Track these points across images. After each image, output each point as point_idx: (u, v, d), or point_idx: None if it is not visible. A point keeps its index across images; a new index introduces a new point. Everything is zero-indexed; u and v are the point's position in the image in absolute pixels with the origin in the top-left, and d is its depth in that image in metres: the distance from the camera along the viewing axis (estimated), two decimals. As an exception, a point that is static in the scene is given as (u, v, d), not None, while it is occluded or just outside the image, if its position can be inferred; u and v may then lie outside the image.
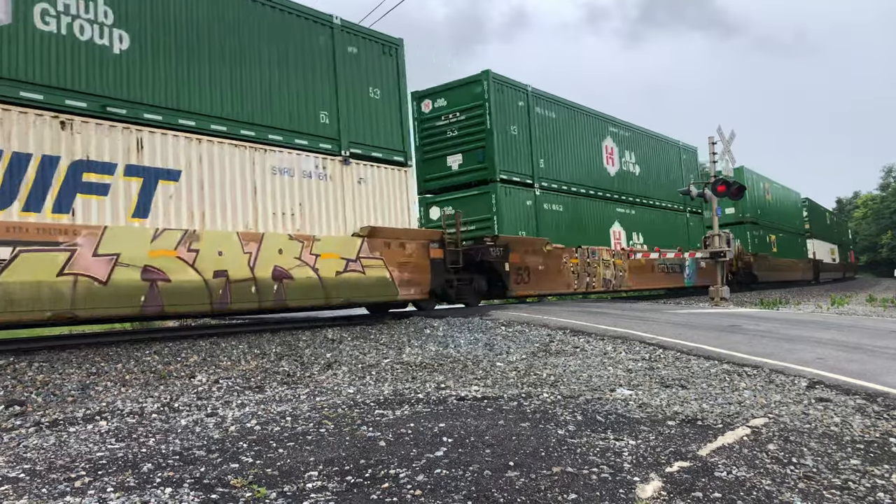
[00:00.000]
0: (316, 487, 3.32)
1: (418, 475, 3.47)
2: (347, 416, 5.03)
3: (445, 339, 10.01)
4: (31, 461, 3.95)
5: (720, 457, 3.83)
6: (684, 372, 6.92)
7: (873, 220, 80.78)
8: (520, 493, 3.20)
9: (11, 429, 4.98)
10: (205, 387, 6.64)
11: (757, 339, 8.80)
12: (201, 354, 8.40)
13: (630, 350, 8.43)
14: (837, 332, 9.50)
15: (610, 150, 20.55)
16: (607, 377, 6.79)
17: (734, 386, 6.12)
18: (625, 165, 21.20)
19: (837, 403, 5.31)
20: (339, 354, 8.69)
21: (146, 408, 5.64)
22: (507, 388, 6.26)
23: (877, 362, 6.89)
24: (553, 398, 5.69)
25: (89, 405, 5.83)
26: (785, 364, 6.91)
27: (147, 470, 3.66)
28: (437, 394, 5.99)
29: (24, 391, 6.31)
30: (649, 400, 5.57)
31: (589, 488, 3.26)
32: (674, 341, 8.75)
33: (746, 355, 7.51)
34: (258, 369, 7.65)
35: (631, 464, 3.67)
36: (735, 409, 5.17)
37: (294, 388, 6.60)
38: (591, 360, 7.87)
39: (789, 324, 10.71)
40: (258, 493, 3.23)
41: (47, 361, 7.56)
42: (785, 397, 5.58)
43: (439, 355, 8.64)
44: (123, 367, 7.50)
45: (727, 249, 18.19)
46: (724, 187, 18.16)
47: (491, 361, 8.09)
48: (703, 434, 4.39)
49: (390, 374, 7.35)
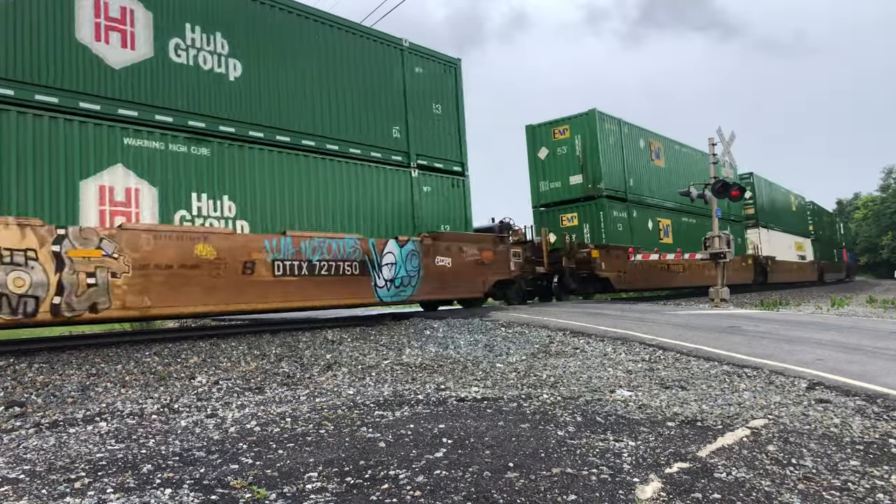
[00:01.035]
0: (316, 488, 3.33)
1: (418, 476, 3.48)
2: (347, 418, 5.03)
3: (445, 340, 10.01)
4: (31, 462, 3.95)
5: (720, 458, 3.83)
6: (684, 373, 6.92)
7: (873, 222, 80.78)
8: (519, 494, 3.20)
9: (11, 430, 4.98)
10: (205, 388, 6.64)
11: (756, 341, 8.79)
12: (201, 355, 8.40)
13: (630, 351, 8.43)
14: (837, 333, 9.50)
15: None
16: (607, 378, 6.79)
17: (734, 387, 6.12)
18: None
19: (837, 405, 5.31)
20: (339, 355, 8.69)
21: (146, 409, 5.64)
22: (506, 390, 6.26)
23: (877, 363, 6.89)
24: (553, 399, 5.69)
25: (89, 406, 5.83)
26: (785, 365, 6.91)
27: (147, 471, 3.66)
28: (437, 395, 5.99)
29: (24, 392, 6.31)
30: (649, 401, 5.57)
31: (588, 489, 3.26)
32: (673, 342, 8.75)
33: (746, 356, 7.50)
34: (258, 370, 7.65)
35: (630, 465, 3.68)
36: (735, 411, 5.17)
37: (294, 389, 6.60)
38: (591, 362, 7.86)
39: (789, 325, 10.71)
40: (258, 494, 3.23)
41: (47, 362, 7.57)
42: (785, 398, 5.58)
43: (439, 356, 8.64)
44: (123, 368, 7.50)
45: (727, 250, 18.17)
46: (723, 189, 18.14)
47: (491, 362, 8.09)
48: (702, 435, 4.39)
49: (390, 375, 7.35)
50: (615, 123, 21.02)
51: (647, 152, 22.71)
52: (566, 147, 20.51)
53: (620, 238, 20.17)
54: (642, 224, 21.64)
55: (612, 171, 20.32)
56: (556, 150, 20.77)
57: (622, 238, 20.27)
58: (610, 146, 20.37)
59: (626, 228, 20.62)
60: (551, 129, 20.85)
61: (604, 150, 19.98)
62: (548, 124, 20.98)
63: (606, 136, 20.25)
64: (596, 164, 19.81)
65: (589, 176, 19.96)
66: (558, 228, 20.41)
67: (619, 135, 20.95)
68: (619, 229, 20.25)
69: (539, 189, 21.05)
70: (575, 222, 20.23)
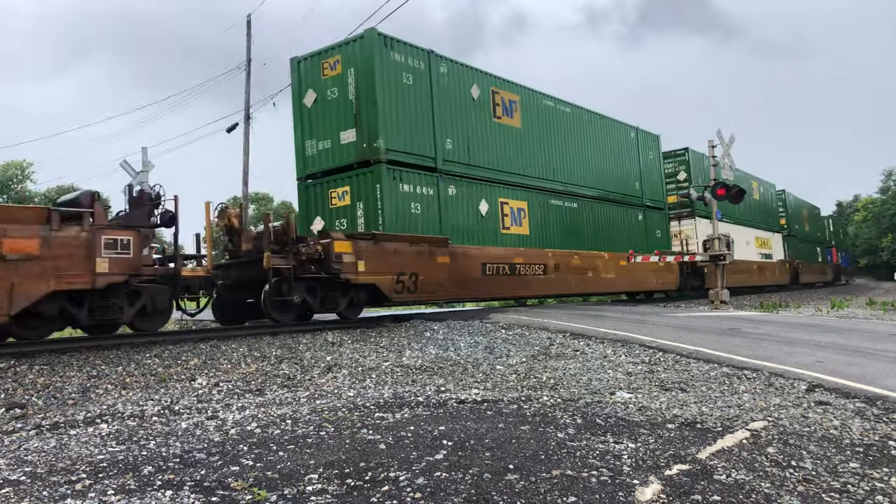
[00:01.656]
0: (316, 490, 3.33)
1: (418, 478, 3.48)
2: (347, 419, 5.04)
3: (445, 342, 10.02)
4: (32, 464, 3.96)
5: (719, 460, 3.84)
6: (684, 375, 6.93)
7: (873, 224, 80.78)
8: (519, 495, 3.21)
9: (12, 431, 4.99)
10: (205, 390, 6.65)
11: (756, 343, 8.80)
12: (201, 357, 8.41)
13: (630, 353, 8.44)
14: (837, 335, 9.51)
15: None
16: (607, 380, 6.80)
17: (734, 389, 6.13)
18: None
19: (837, 407, 5.31)
20: (340, 357, 8.70)
21: (146, 410, 5.65)
22: (507, 392, 6.27)
23: (876, 365, 6.90)
24: (553, 401, 5.70)
25: (90, 408, 5.84)
26: (784, 367, 6.91)
27: (148, 472, 3.67)
28: (437, 397, 6.00)
29: (25, 394, 6.32)
30: (649, 403, 5.58)
31: (588, 491, 3.27)
32: (673, 344, 8.75)
33: (746, 358, 7.51)
34: (258, 372, 7.65)
35: (630, 467, 3.68)
36: (734, 413, 5.17)
37: (294, 391, 6.60)
38: (591, 364, 7.87)
39: (789, 327, 10.71)
40: (258, 496, 3.24)
41: (48, 364, 7.57)
42: (784, 400, 5.59)
43: (439, 358, 8.64)
44: (124, 370, 7.51)
45: (727, 252, 18.18)
46: (723, 191, 18.18)
47: (491, 364, 8.09)
48: (702, 437, 4.39)
49: (390, 377, 7.36)
50: (417, 56, 14.44)
51: (486, 105, 16.15)
52: (337, 89, 13.95)
53: (419, 224, 13.79)
54: (467, 206, 15.18)
55: (402, 125, 13.77)
56: (325, 94, 14.17)
57: (426, 225, 13.95)
58: (401, 88, 13.87)
59: (432, 211, 14.18)
60: (321, 62, 14.32)
61: (387, 93, 13.46)
62: (317, 55, 14.54)
63: (394, 72, 13.76)
64: (373, 112, 13.23)
65: (364, 131, 13.43)
66: (327, 210, 14.11)
67: (424, 74, 14.48)
68: (416, 212, 13.77)
69: (305, 152, 14.53)
70: (346, 200, 13.76)
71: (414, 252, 13.22)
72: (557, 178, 18.38)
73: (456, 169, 15.00)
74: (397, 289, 12.84)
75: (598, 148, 20.47)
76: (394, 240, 12.94)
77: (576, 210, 19.02)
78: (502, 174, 16.40)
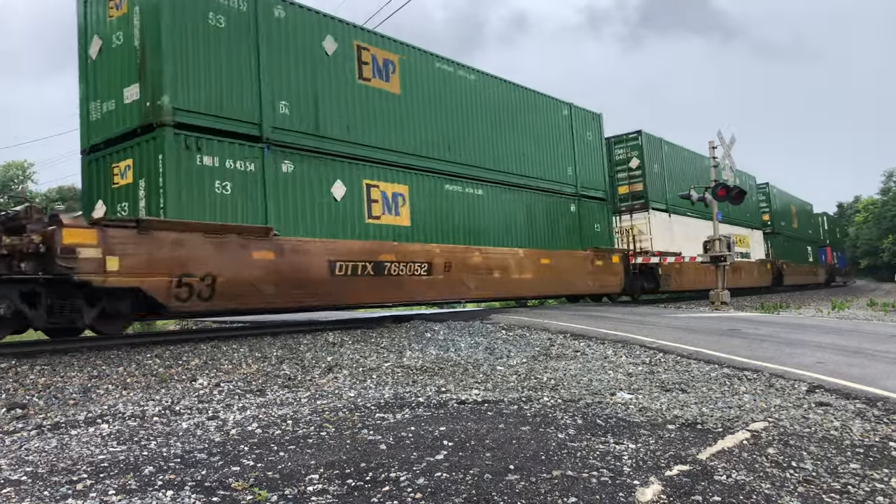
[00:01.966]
0: (317, 490, 3.34)
1: (419, 478, 3.49)
2: (348, 420, 5.04)
3: (446, 342, 10.02)
4: (33, 464, 3.96)
5: (720, 460, 3.84)
6: (684, 376, 6.93)
7: (874, 225, 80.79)
8: (520, 496, 3.21)
9: (13, 431, 4.99)
10: (206, 390, 6.65)
11: (757, 343, 8.80)
12: (202, 358, 8.42)
13: (630, 354, 8.44)
14: (837, 336, 9.51)
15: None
16: (608, 381, 6.80)
17: (734, 390, 6.13)
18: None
19: (837, 407, 5.31)
20: (340, 358, 8.70)
21: (147, 411, 5.65)
22: (507, 392, 6.27)
23: (877, 366, 6.90)
24: (553, 402, 5.70)
25: (91, 408, 5.84)
26: (785, 368, 6.92)
27: (148, 472, 3.68)
28: (438, 397, 6.00)
29: (26, 394, 6.33)
30: (649, 404, 5.58)
31: (589, 492, 3.27)
32: (674, 345, 8.76)
33: (746, 359, 7.51)
34: (259, 372, 7.66)
35: (631, 467, 3.69)
36: (735, 413, 5.17)
37: (295, 391, 6.61)
38: (592, 364, 7.87)
39: (789, 328, 10.71)
40: (259, 496, 3.24)
41: (49, 364, 7.58)
42: (785, 401, 5.59)
43: (440, 359, 8.65)
44: (125, 371, 7.51)
45: (728, 253, 18.17)
46: (724, 191, 18.18)
47: (492, 365, 8.10)
48: (702, 438, 4.40)
49: (391, 377, 7.36)
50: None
51: (346, 63, 12.74)
52: (122, 33, 10.81)
53: (229, 210, 10.55)
54: (313, 187, 11.87)
55: (205, 79, 10.48)
56: (111, 41, 11.00)
57: (243, 210, 10.74)
58: (206, 31, 10.60)
59: (253, 192, 10.89)
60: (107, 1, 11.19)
61: (178, 36, 10.23)
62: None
63: (193, 10, 10.49)
64: (156, 61, 10.08)
65: (147, 86, 10.24)
66: (110, 191, 10.83)
67: (246, 17, 11.17)
68: (225, 192, 10.53)
69: (89, 116, 11.33)
70: (129, 177, 10.50)
71: (211, 246, 9.83)
72: (456, 159, 14.88)
73: (295, 140, 11.63)
74: (179, 294, 9.44)
75: (517, 125, 16.97)
76: (174, 228, 9.50)
77: (481, 198, 15.55)
78: (370, 150, 12.93)
